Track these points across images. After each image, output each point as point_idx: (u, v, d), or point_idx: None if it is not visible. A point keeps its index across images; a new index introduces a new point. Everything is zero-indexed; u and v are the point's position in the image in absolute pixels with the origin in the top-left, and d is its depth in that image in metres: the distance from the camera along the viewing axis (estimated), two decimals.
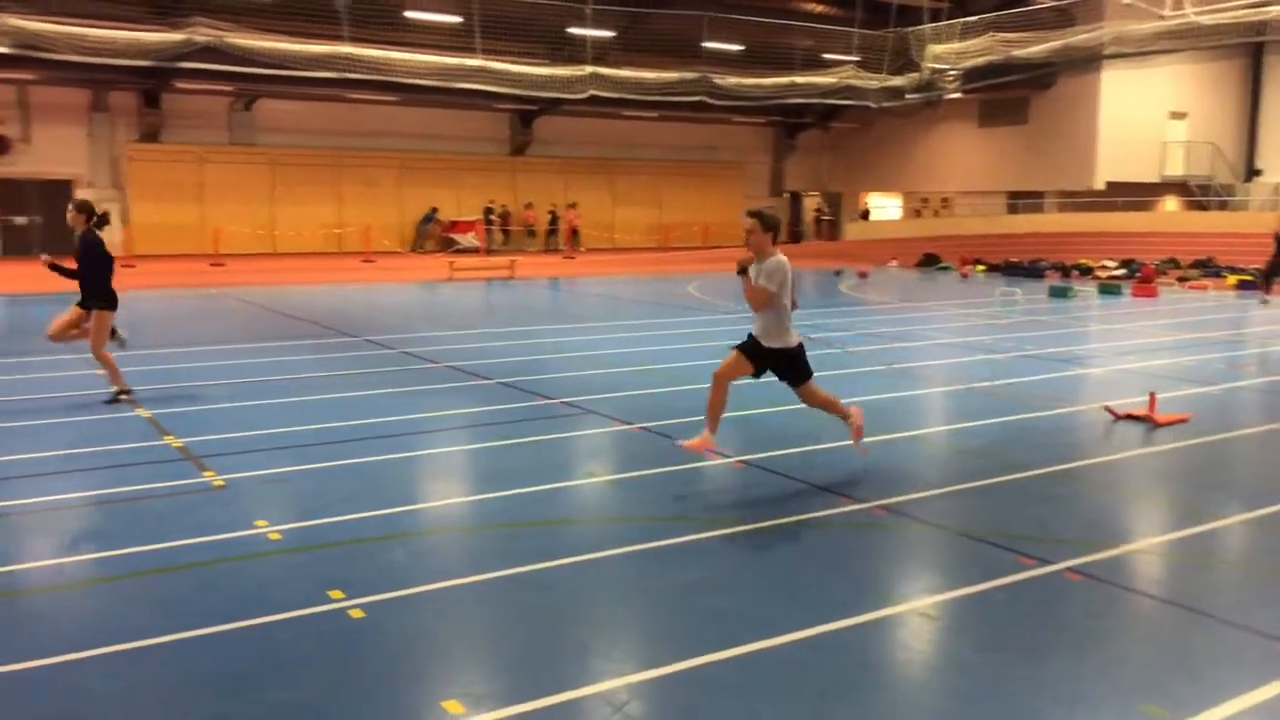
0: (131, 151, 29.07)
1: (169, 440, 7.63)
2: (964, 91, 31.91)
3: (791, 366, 6.86)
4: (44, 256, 9.72)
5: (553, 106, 32.39)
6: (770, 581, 4.99)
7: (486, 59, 26.59)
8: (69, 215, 9.24)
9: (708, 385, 6.87)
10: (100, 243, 9.35)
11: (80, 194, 28.78)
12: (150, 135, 29.46)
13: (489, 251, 31.25)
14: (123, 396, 9.07)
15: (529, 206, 34.75)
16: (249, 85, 28.18)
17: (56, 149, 28.39)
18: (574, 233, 34.59)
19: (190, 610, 4.55)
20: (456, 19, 27.12)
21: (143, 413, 8.61)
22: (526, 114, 34.49)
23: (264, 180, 30.87)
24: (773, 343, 6.78)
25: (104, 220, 9.48)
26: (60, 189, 28.62)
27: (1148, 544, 5.62)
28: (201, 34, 23.49)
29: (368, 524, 5.77)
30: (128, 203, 29.06)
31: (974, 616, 4.65)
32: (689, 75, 29.32)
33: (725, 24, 29.89)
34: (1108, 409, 8.86)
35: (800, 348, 6.88)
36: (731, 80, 29.91)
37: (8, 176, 27.93)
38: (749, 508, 6.26)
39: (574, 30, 28.46)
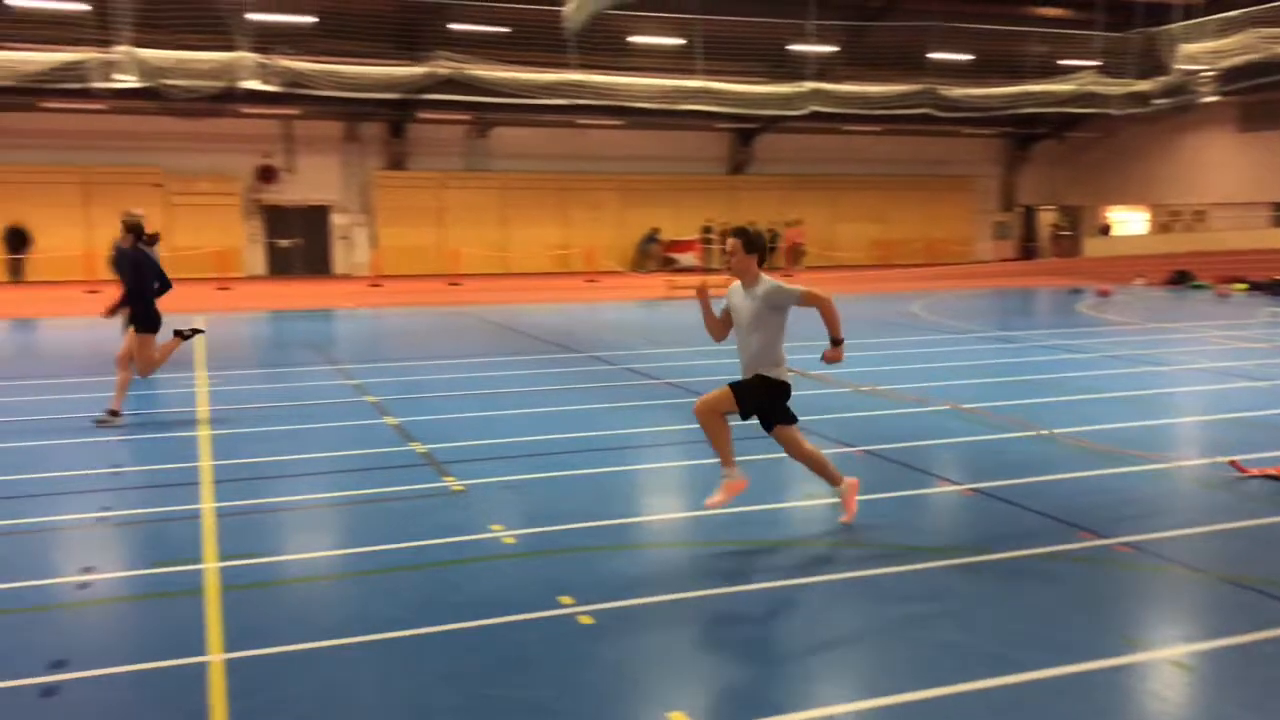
0: (379, 178, 31.30)
1: (414, 446, 8.14)
2: (1222, 94, 29.48)
3: (772, 403, 5.90)
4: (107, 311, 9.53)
5: (773, 124, 32.41)
6: (1005, 617, 4.76)
7: (708, 80, 26.94)
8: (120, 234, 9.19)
9: (934, 409, 6.64)
10: (145, 260, 9.23)
11: (335, 218, 31.29)
12: (396, 163, 31.63)
13: (707, 270, 31.54)
14: (111, 418, 8.92)
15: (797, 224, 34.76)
16: (485, 114, 29.81)
17: (315, 177, 31.00)
18: (793, 250, 34.43)
19: (432, 607, 4.83)
20: (679, 41, 27.63)
21: (390, 421, 9.22)
22: (746, 132, 34.67)
23: (497, 204, 32.49)
24: (762, 371, 5.88)
25: (153, 239, 9.56)
26: (318, 214, 31.25)
27: None
28: (443, 67, 25.05)
29: (595, 533, 5.94)
30: (375, 227, 31.29)
31: (1238, 670, 4.26)
32: (913, 88, 28.62)
33: (953, 34, 28.98)
34: (1234, 464, 7.35)
35: (787, 386, 5.96)
36: (959, 91, 28.97)
37: (274, 203, 30.71)
38: (981, 538, 5.99)
39: (795, 47, 28.38)
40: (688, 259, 32.51)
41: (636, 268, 33.20)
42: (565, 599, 4.89)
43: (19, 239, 27.39)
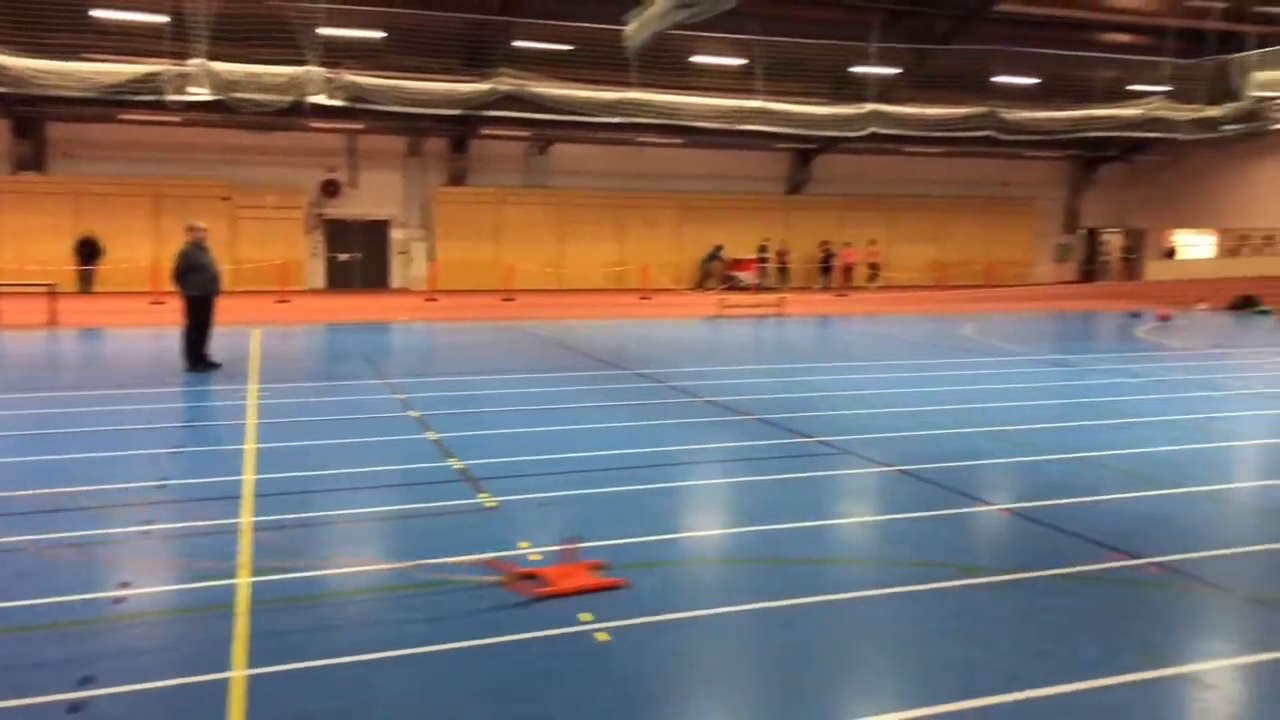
0: (440, 194, 31.80)
1: (451, 462, 8.28)
2: None
3: None
4: None
5: (832, 145, 32.31)
6: (1027, 635, 4.74)
7: (768, 100, 26.97)
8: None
9: (974, 430, 6.61)
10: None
11: (394, 233, 31.86)
12: (457, 179, 32.10)
13: (760, 289, 31.53)
14: None
15: (824, 244, 34.74)
16: (546, 131, 30.13)
17: (376, 192, 31.58)
18: (849, 269, 34.36)
19: (460, 623, 4.92)
20: (741, 61, 27.71)
21: (431, 435, 9.38)
22: (805, 152, 34.61)
23: (553, 220, 32.79)
24: None
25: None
26: (378, 228, 31.83)
27: None
28: (506, 83, 25.39)
29: (623, 550, 6.00)
30: (435, 242, 31.76)
31: (1261, 689, 4.19)
32: (976, 110, 28.34)
33: (1018, 58, 28.67)
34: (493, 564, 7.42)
35: None
36: (1023, 114, 28.62)
37: (336, 217, 31.35)
38: (1012, 558, 5.95)
39: (857, 69, 28.31)
40: (746, 278, 32.52)
41: (699, 285, 33.26)
42: (585, 616, 4.96)
43: (91, 250, 28.28)
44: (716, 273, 33.39)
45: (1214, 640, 4.79)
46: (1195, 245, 39.31)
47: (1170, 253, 38.77)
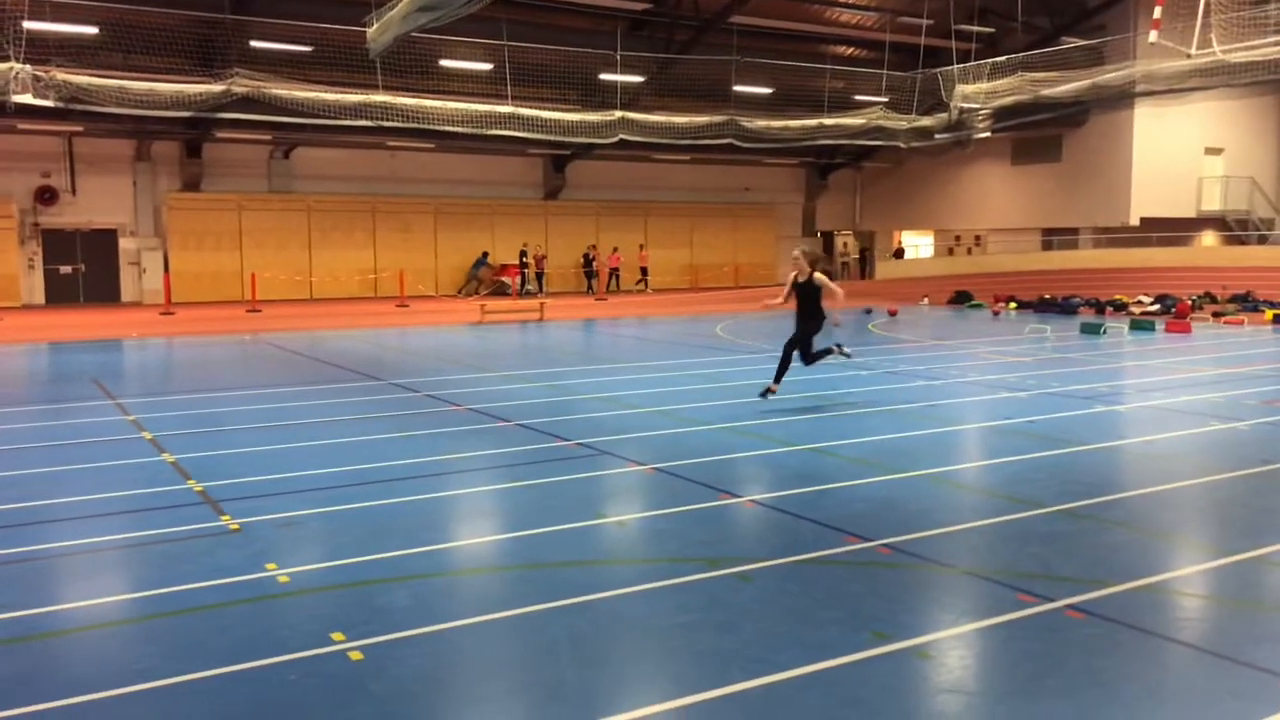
0: (173, 200, 29.79)
1: (191, 484, 7.80)
2: (994, 131, 31.90)
3: None
4: None
5: (585, 151, 32.81)
6: (771, 621, 5.01)
7: (518, 105, 27.03)
8: None
9: (722, 426, 6.90)
10: None
11: (123, 242, 29.57)
12: (192, 184, 30.18)
13: (524, 294, 31.60)
14: None
15: (592, 248, 35.11)
16: (287, 134, 28.84)
17: (102, 199, 29.17)
18: (615, 273, 35.04)
19: (199, 652, 4.65)
20: (488, 66, 27.64)
21: (168, 457, 8.80)
22: (559, 159, 34.97)
23: (301, 227, 31.47)
24: None
25: None
26: (105, 238, 29.43)
27: (1149, 582, 5.56)
28: (241, 85, 24.08)
29: (376, 566, 5.86)
30: (168, 250, 29.73)
31: (977, 655, 4.64)
32: (717, 118, 29.58)
33: (754, 68, 30.20)
34: None
35: None
36: (760, 123, 30.16)
37: (55, 227, 28.73)
38: (756, 547, 6.27)
39: (605, 76, 28.89)
40: (512, 283, 32.49)
41: (466, 291, 32.84)
42: (337, 635, 4.82)
43: None
44: (484, 279, 33.15)
45: (935, 612, 5.24)
46: (920, 246, 42.82)
47: (899, 253, 41.99)
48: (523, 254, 33.93)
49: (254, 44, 25.51)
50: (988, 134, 32.16)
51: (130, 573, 5.88)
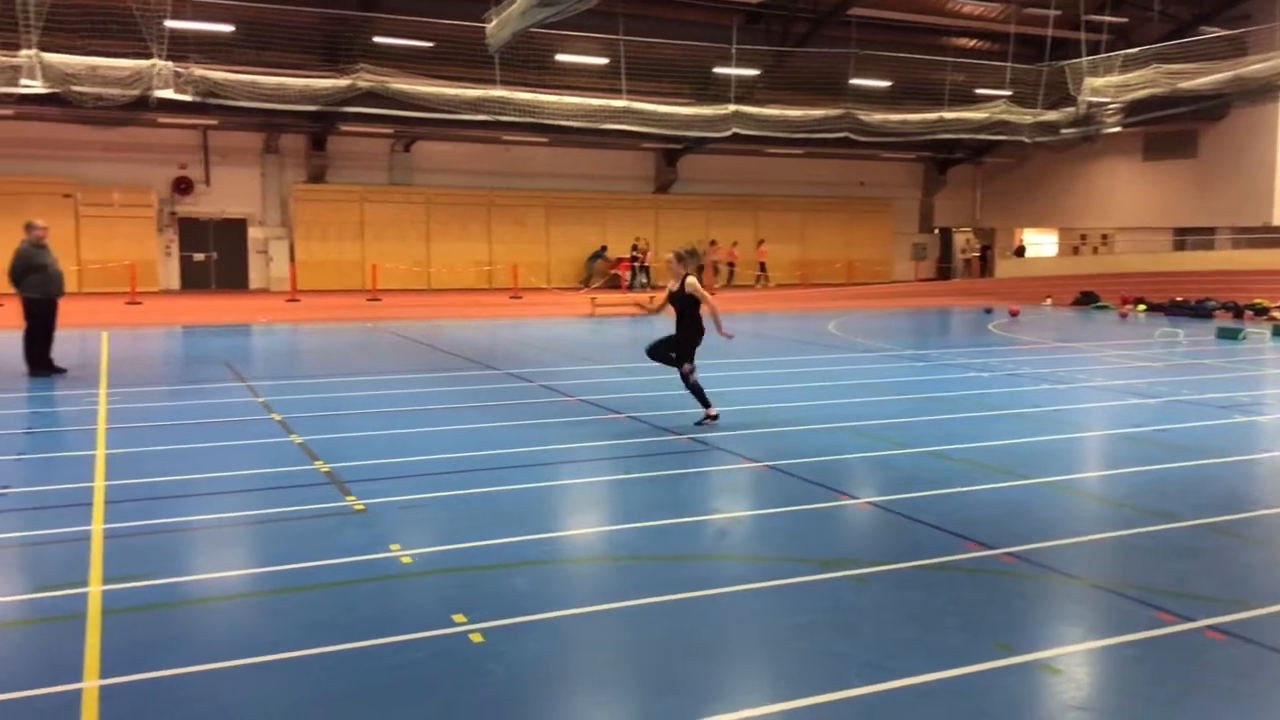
0: (299, 191, 30.86)
1: (318, 465, 8.06)
2: (1125, 126, 30.64)
3: None
4: None
5: (697, 145, 32.76)
6: (890, 626, 4.91)
7: (632, 99, 27.13)
8: None
9: (837, 425, 6.81)
10: None
11: (252, 231, 30.78)
12: (317, 176, 31.20)
13: (642, 286, 31.78)
14: None
15: (714, 244, 35.05)
16: (408, 128, 29.59)
17: (233, 190, 30.42)
18: (732, 268, 34.97)
19: (329, 627, 4.81)
20: (603, 61, 27.82)
21: (296, 439, 9.11)
22: (671, 152, 34.99)
23: (420, 219, 32.23)
24: None
25: None
26: (236, 227, 30.68)
27: None
28: (365, 80, 24.79)
29: (494, 551, 5.96)
30: (294, 240, 30.81)
31: (1105, 672, 4.46)
32: (833, 112, 29.17)
33: (872, 61, 29.67)
34: None
35: None
36: (878, 116, 29.62)
37: (190, 215, 30.07)
38: (872, 550, 6.16)
39: (720, 70, 28.78)
40: (627, 277, 32.73)
41: (583, 283, 33.20)
42: (459, 617, 4.91)
43: None
44: (601, 272, 33.44)
45: (1064, 626, 5.06)
46: (1042, 244, 41.46)
47: (1020, 251, 40.77)
48: (634, 248, 34.07)
49: (378, 40, 26.22)
50: (1118, 129, 30.89)
51: (263, 548, 6.11)
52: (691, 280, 9.68)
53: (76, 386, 12.05)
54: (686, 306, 9.74)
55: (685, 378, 9.83)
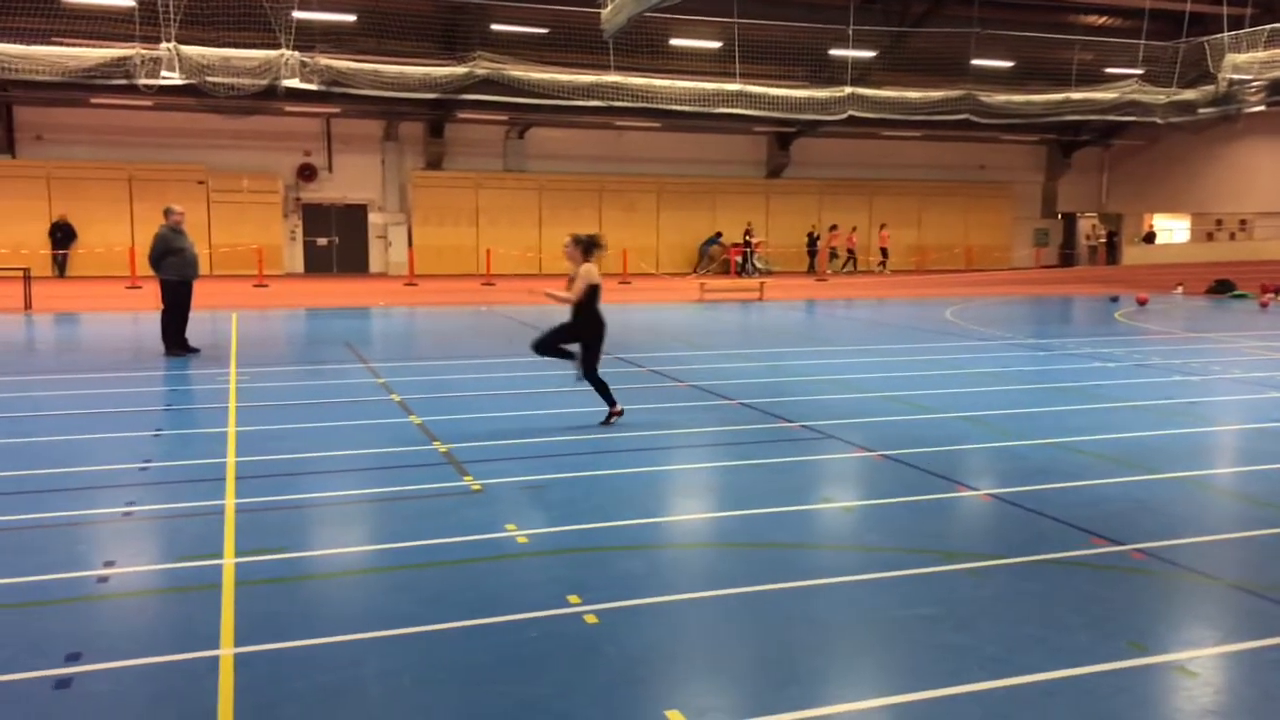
0: (417, 178, 31.60)
1: (436, 445, 8.26)
2: (1268, 104, 28.99)
3: None
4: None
5: (811, 128, 32.32)
6: (1012, 621, 4.78)
7: (745, 83, 26.91)
8: None
9: (955, 415, 6.64)
10: None
11: (372, 217, 31.65)
12: (434, 163, 31.90)
13: (754, 272, 31.61)
14: None
15: (834, 229, 34.71)
16: (522, 115, 29.98)
17: (354, 176, 31.35)
18: (850, 253, 34.50)
19: (448, 603, 4.93)
20: (717, 44, 27.65)
21: (414, 419, 9.35)
22: (784, 136, 34.62)
23: (533, 205, 32.67)
24: None
25: None
26: (356, 212, 31.61)
27: None
28: (483, 67, 25.20)
29: (608, 533, 6.01)
30: (412, 225, 31.58)
31: (1241, 675, 4.25)
32: (953, 93, 28.39)
33: (995, 40, 28.75)
34: None
35: None
36: (1000, 97, 28.71)
37: (313, 201, 31.11)
38: (994, 543, 6.00)
39: (835, 51, 28.30)
40: (761, 262, 32.63)
41: (698, 269, 33.24)
42: (574, 598, 4.97)
43: (65, 234, 27.96)
44: (716, 257, 33.39)
45: (1199, 627, 4.84)
46: (1173, 230, 39.67)
47: (1149, 237, 39.09)
48: (746, 233, 33.88)
49: (494, 27, 26.58)
50: (1261, 107, 29.26)
51: (385, 525, 6.29)
52: (588, 267, 9.45)
53: (208, 366, 12.61)
54: (586, 295, 9.49)
55: (588, 377, 9.34)
